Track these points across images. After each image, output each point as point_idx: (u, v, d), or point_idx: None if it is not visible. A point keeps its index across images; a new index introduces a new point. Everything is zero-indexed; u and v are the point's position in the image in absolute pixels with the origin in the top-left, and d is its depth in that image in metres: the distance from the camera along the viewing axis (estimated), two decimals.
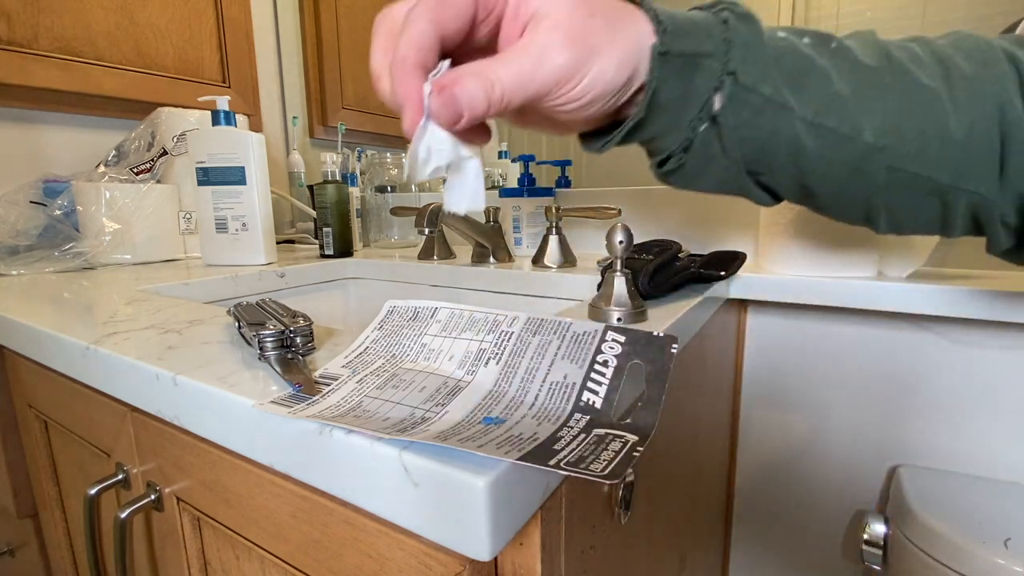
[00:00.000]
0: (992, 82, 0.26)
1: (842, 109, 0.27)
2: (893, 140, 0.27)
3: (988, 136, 0.26)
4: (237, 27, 1.09)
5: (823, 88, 0.27)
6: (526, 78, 0.24)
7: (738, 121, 0.28)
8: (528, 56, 0.24)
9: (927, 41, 0.28)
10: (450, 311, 0.34)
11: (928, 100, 0.27)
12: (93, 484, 0.42)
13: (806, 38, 0.28)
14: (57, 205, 0.77)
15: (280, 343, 0.33)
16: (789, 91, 0.27)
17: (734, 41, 0.27)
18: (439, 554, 0.24)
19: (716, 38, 0.27)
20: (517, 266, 0.77)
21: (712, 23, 0.27)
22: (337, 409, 0.25)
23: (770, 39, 0.27)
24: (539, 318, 0.31)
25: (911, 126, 0.27)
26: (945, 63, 0.27)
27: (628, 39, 0.25)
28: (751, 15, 0.28)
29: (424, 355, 0.31)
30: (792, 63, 0.27)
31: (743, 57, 0.27)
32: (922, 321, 0.66)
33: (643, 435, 0.23)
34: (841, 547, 0.76)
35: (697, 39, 0.26)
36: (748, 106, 0.27)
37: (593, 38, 0.24)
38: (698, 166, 0.30)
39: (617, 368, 0.27)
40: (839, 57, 0.27)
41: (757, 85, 0.27)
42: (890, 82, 0.27)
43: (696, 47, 0.26)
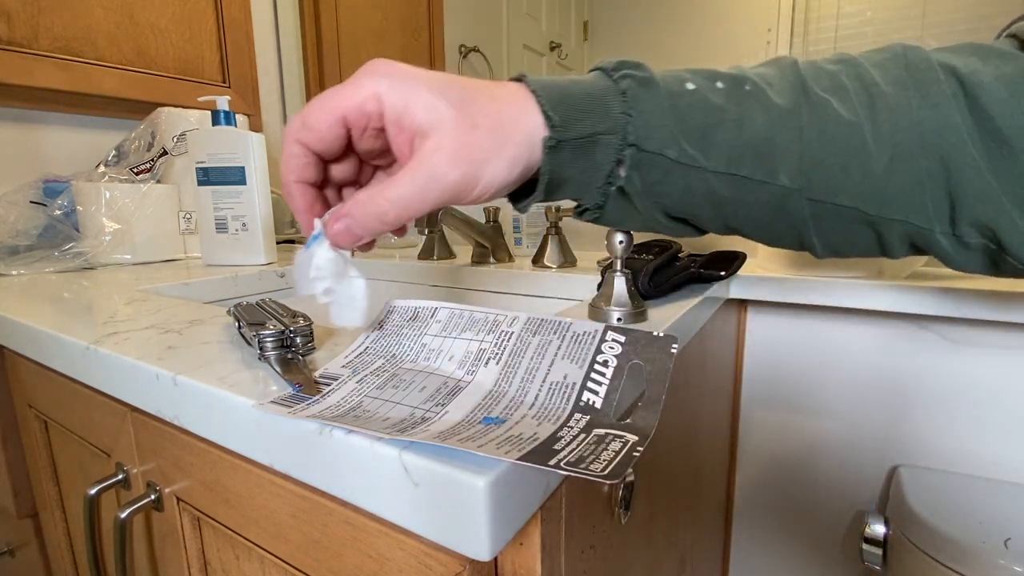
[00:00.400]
0: (927, 108, 0.25)
1: (754, 156, 0.26)
2: (813, 178, 0.26)
3: (915, 165, 0.25)
4: (237, 27, 1.09)
5: (734, 139, 0.26)
6: (417, 200, 0.25)
7: (646, 184, 0.28)
8: (416, 181, 0.25)
9: (857, 64, 0.27)
10: (450, 311, 0.34)
11: (847, 134, 0.26)
12: (93, 484, 0.42)
13: (719, 82, 0.27)
14: (57, 205, 0.77)
15: (280, 343, 0.33)
16: (697, 149, 0.27)
17: (633, 113, 0.26)
18: (439, 554, 0.24)
19: (614, 113, 0.27)
20: (517, 266, 0.77)
21: (610, 95, 0.27)
22: (337, 409, 0.25)
23: (677, 96, 0.27)
24: (539, 318, 0.31)
25: (832, 162, 0.26)
26: (870, 91, 0.26)
27: (517, 141, 0.26)
28: (652, 79, 0.27)
29: (424, 355, 0.31)
30: (701, 119, 0.26)
31: (644, 125, 0.26)
32: (922, 321, 0.66)
33: (643, 435, 0.23)
34: (841, 547, 0.76)
35: (593, 119, 0.26)
36: (655, 169, 0.27)
37: (479, 153, 0.25)
38: (617, 217, 0.30)
39: (617, 368, 0.27)
40: (752, 100, 0.27)
41: (662, 150, 0.27)
42: (806, 122, 0.26)
43: (592, 127, 0.26)
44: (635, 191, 0.28)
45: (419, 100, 0.25)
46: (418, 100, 0.25)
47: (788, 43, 2.30)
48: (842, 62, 0.27)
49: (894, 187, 0.26)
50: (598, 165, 0.27)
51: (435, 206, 0.26)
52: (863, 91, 0.26)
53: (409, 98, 0.25)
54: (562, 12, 2.43)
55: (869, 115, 0.26)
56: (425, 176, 0.25)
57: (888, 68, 0.26)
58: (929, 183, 0.25)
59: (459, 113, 0.25)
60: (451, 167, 0.25)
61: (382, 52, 1.40)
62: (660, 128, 0.26)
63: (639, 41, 2.52)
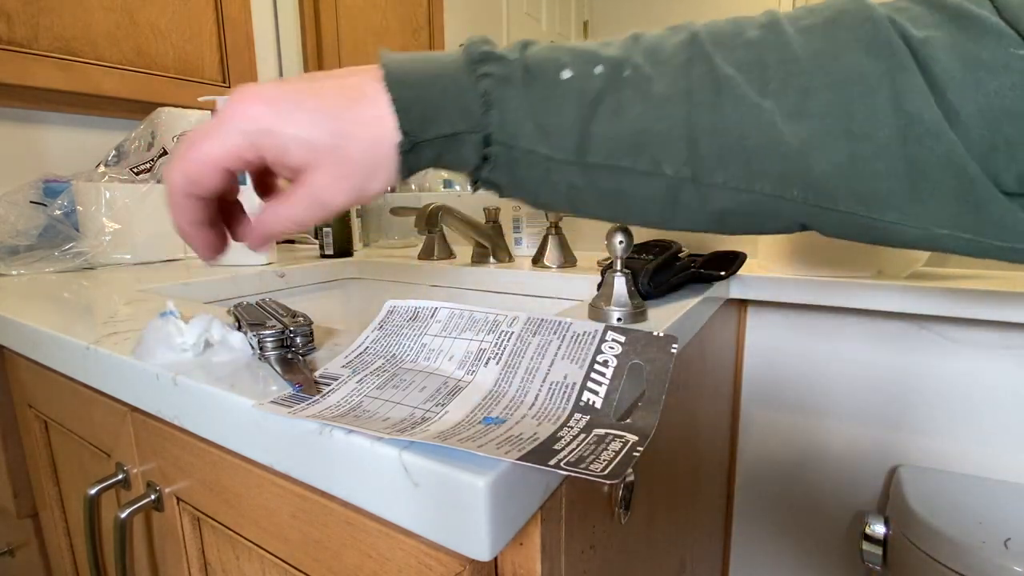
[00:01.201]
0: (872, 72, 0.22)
1: (633, 147, 0.25)
2: (709, 166, 0.25)
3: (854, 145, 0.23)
4: (237, 27, 1.09)
5: (609, 130, 0.25)
6: (311, 219, 0.29)
7: (521, 180, 0.28)
8: (310, 206, 0.28)
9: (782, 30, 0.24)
10: (450, 311, 0.34)
11: (753, 116, 0.23)
12: (93, 484, 0.42)
13: (599, 66, 0.26)
14: (57, 205, 0.77)
15: (280, 343, 0.33)
16: (573, 142, 0.26)
17: (495, 113, 0.26)
18: (439, 554, 0.24)
19: (475, 114, 0.26)
20: (517, 266, 0.77)
21: (469, 95, 0.26)
22: (337, 409, 0.25)
23: (549, 86, 0.26)
24: (539, 318, 0.31)
25: (738, 146, 0.24)
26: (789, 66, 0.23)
27: (387, 156, 0.27)
28: (514, 76, 0.26)
29: (424, 355, 0.31)
30: (574, 112, 0.26)
31: (509, 124, 0.26)
32: (922, 321, 0.66)
33: (643, 435, 0.23)
34: (841, 547, 0.76)
35: (452, 118, 0.26)
36: (532, 167, 0.27)
37: (359, 178, 0.27)
38: (506, 194, 0.30)
39: (617, 368, 0.27)
40: (629, 88, 0.25)
41: (534, 147, 0.26)
42: (695, 106, 0.24)
43: (452, 127, 0.27)
44: (508, 184, 0.28)
45: (294, 141, 0.26)
46: (293, 141, 0.26)
47: None
48: (768, 28, 0.25)
49: (821, 169, 0.23)
50: (464, 159, 0.28)
51: (327, 219, 0.30)
52: (780, 65, 0.23)
53: (285, 142, 0.26)
54: (562, 12, 2.43)
55: (782, 92, 0.23)
56: (317, 203, 0.28)
57: (825, 33, 0.23)
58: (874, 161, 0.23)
59: (332, 145, 0.27)
60: (337, 194, 0.28)
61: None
62: (526, 125, 0.26)
63: None
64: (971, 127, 0.21)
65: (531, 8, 2.17)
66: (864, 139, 0.22)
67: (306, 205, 0.28)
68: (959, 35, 0.21)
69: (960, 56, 0.21)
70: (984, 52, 0.21)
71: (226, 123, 0.27)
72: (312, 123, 0.26)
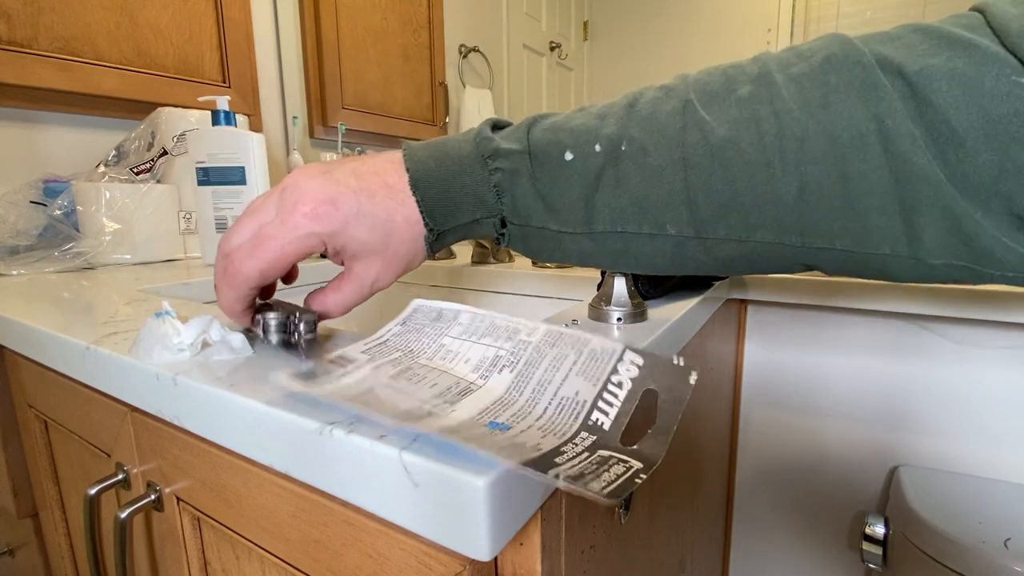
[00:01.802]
0: (866, 119, 0.23)
1: (636, 213, 0.28)
2: (710, 224, 0.26)
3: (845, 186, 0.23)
4: (237, 27, 1.09)
5: (613, 201, 0.28)
6: (357, 302, 0.34)
7: (536, 250, 0.32)
8: (360, 291, 0.34)
9: (772, 84, 0.25)
10: (472, 315, 0.34)
11: (749, 173, 0.24)
12: (93, 484, 0.42)
13: (597, 145, 0.28)
14: (57, 205, 0.77)
15: (284, 328, 0.34)
16: (580, 216, 0.29)
17: (506, 201, 0.31)
18: (439, 554, 0.24)
19: (490, 203, 0.31)
20: (517, 266, 0.77)
21: (483, 189, 0.31)
22: (349, 391, 0.26)
23: (554, 170, 0.29)
24: (559, 330, 0.31)
25: (736, 203, 0.25)
26: (782, 118, 0.24)
27: (418, 233, 0.32)
28: (520, 170, 0.30)
29: (441, 355, 0.31)
30: (579, 190, 0.29)
31: (521, 208, 0.30)
32: (922, 321, 0.66)
33: (648, 464, 0.22)
34: (841, 547, 0.76)
35: (471, 209, 0.31)
36: (544, 240, 0.31)
37: (401, 268, 0.33)
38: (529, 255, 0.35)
39: (631, 392, 0.26)
40: (626, 161, 0.27)
41: (544, 224, 0.30)
42: (692, 169, 0.26)
43: (472, 215, 0.31)
44: (527, 251, 0.33)
45: (355, 242, 0.31)
46: (354, 242, 0.31)
47: (788, 43, 2.30)
48: (759, 81, 0.25)
49: (818, 215, 0.24)
50: (484, 234, 0.33)
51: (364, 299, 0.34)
52: (774, 118, 0.24)
53: (347, 242, 0.31)
54: (562, 12, 2.43)
55: (777, 145, 0.24)
56: (367, 288, 0.34)
57: (815, 80, 0.24)
58: (867, 201, 0.23)
59: (384, 244, 0.32)
60: (386, 281, 0.34)
61: (382, 52, 1.40)
62: (536, 209, 0.30)
63: (639, 41, 2.52)
64: (979, 152, 0.21)
65: (531, 8, 2.17)
66: (858, 181, 0.23)
67: (356, 290, 0.33)
68: (959, 63, 0.21)
69: (962, 85, 0.21)
70: (987, 80, 0.21)
71: (298, 219, 0.30)
72: (371, 228, 0.31)
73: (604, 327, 0.40)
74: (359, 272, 0.33)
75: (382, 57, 1.40)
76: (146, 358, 0.33)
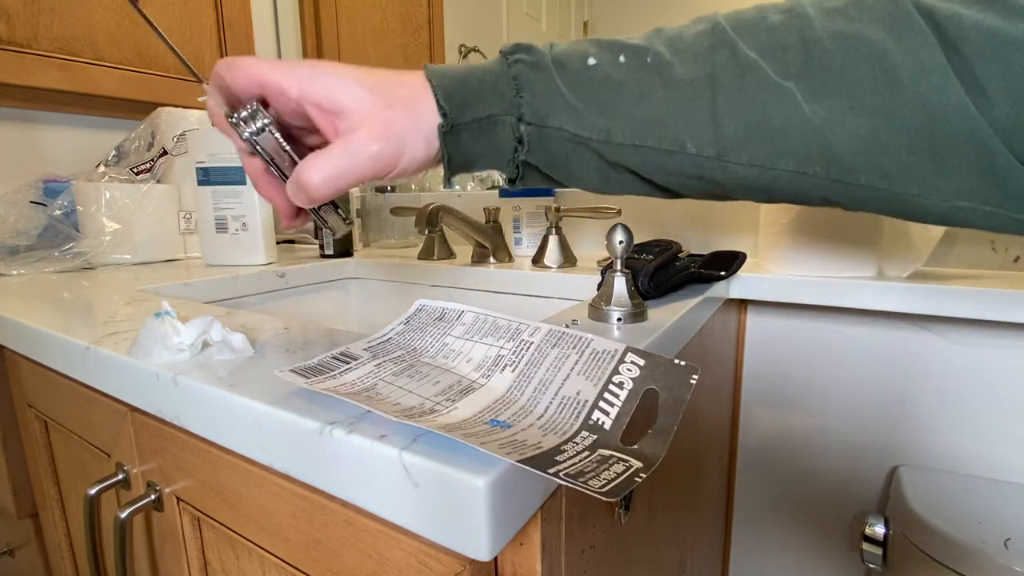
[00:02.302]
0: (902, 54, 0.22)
1: (657, 128, 0.27)
2: (735, 145, 0.25)
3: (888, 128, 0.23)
4: (237, 27, 1.09)
5: (634, 112, 0.27)
6: (347, 171, 0.28)
7: (554, 159, 0.29)
8: (345, 153, 0.28)
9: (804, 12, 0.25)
10: (475, 315, 0.34)
11: (776, 98, 0.24)
12: (93, 484, 0.42)
13: (622, 55, 0.27)
14: (57, 205, 0.77)
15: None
16: (601, 122, 0.27)
17: (525, 94, 0.28)
18: (439, 554, 0.24)
19: (508, 96, 0.28)
20: (517, 266, 0.77)
21: (502, 79, 0.29)
22: (352, 387, 0.26)
23: (577, 72, 0.28)
24: (560, 330, 0.31)
25: (762, 126, 0.25)
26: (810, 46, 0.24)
27: (428, 122, 0.29)
28: (543, 62, 0.28)
29: (444, 354, 0.32)
30: (600, 94, 0.27)
31: (539, 104, 0.28)
32: (922, 321, 0.66)
33: (648, 463, 0.22)
34: (841, 547, 0.76)
35: (488, 102, 0.29)
36: (562, 144, 0.29)
37: (398, 129, 0.28)
38: (543, 183, 0.32)
39: (632, 391, 0.27)
40: (651, 73, 0.27)
41: (562, 125, 0.28)
42: (718, 89, 0.25)
43: (488, 110, 0.29)
44: (544, 164, 0.30)
45: (338, 84, 0.28)
46: (336, 84, 0.28)
47: None
48: (791, 12, 0.25)
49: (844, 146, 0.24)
50: (501, 143, 0.30)
51: (363, 178, 0.29)
52: (802, 46, 0.24)
53: (329, 84, 0.28)
54: (562, 12, 2.43)
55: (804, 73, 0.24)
56: (353, 149, 0.28)
57: (848, 13, 0.24)
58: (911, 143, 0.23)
59: (375, 95, 0.28)
60: (375, 140, 0.28)
61: (382, 51, 1.40)
62: (555, 106, 0.28)
63: None
64: (997, 104, 0.21)
65: (531, 8, 2.17)
66: (887, 115, 0.23)
67: (343, 152, 0.28)
68: (987, 13, 0.21)
69: (988, 34, 0.21)
70: (1013, 30, 0.21)
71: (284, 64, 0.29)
72: (358, 73, 0.28)
73: (604, 327, 0.40)
74: (351, 125, 0.28)
75: (382, 57, 1.40)
76: (146, 358, 0.33)
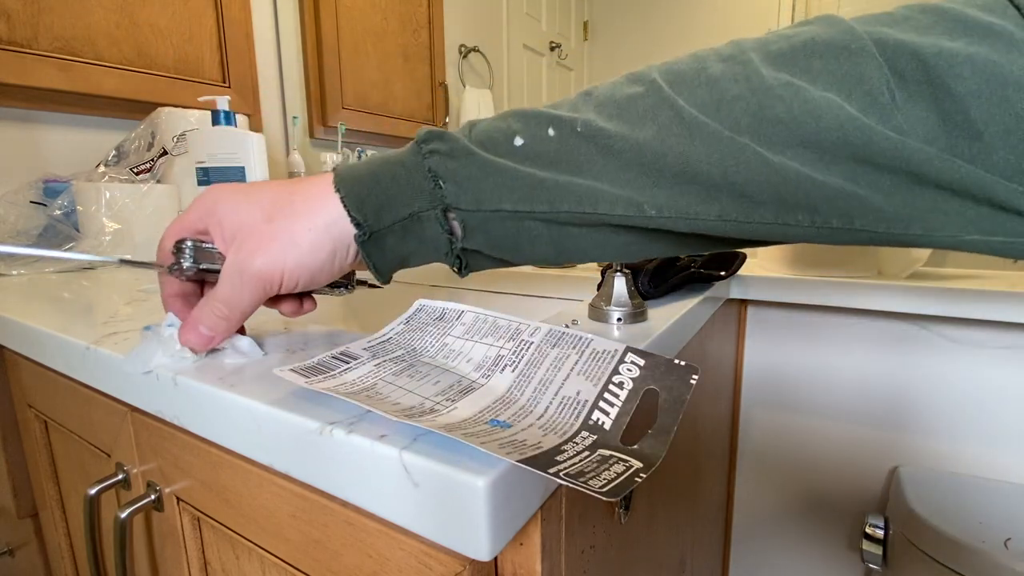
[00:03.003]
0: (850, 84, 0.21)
1: (608, 196, 0.24)
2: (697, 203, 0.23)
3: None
4: (237, 27, 1.09)
5: (578, 182, 0.25)
6: (236, 295, 0.28)
7: (496, 240, 0.27)
8: (231, 278, 0.28)
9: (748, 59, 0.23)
10: (475, 315, 0.34)
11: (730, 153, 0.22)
12: (93, 484, 0.42)
13: (551, 128, 0.25)
14: (57, 205, 0.77)
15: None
16: (543, 192, 0.25)
17: (446, 184, 0.26)
18: (439, 554, 0.24)
19: (427, 189, 0.27)
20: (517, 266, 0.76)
21: (417, 174, 0.27)
22: (352, 386, 0.26)
23: (504, 154, 0.26)
24: (560, 330, 0.31)
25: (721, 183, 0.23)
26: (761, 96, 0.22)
27: (312, 227, 0.27)
28: (459, 149, 0.26)
29: (444, 354, 0.32)
30: (533, 172, 0.25)
31: (467, 190, 0.26)
32: (922, 321, 0.66)
33: (648, 463, 0.22)
34: (841, 547, 0.76)
35: (407, 200, 0.27)
36: (497, 225, 0.27)
37: (275, 242, 0.27)
38: (495, 265, 0.31)
39: (632, 391, 0.27)
40: (589, 143, 0.25)
41: (499, 205, 0.26)
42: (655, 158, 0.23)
43: (409, 208, 0.27)
44: (487, 247, 0.28)
45: (229, 211, 0.28)
46: (228, 211, 0.28)
47: None
48: (731, 59, 0.23)
49: (825, 192, 0.22)
50: (431, 237, 0.28)
51: (255, 299, 0.28)
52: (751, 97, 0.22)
53: (224, 211, 0.28)
54: (562, 12, 2.43)
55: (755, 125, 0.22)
56: (235, 271, 0.28)
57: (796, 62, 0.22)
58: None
59: (260, 214, 0.28)
60: (252, 258, 0.27)
61: (382, 52, 1.40)
62: (485, 188, 0.26)
63: (639, 41, 2.52)
64: (995, 148, 0.19)
65: (531, 8, 2.17)
66: (860, 161, 0.21)
67: (228, 277, 0.28)
68: (982, 50, 0.19)
69: (984, 73, 0.19)
70: (1013, 69, 0.19)
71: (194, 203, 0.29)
72: (258, 195, 0.28)
73: (604, 327, 0.40)
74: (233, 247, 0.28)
75: (382, 57, 1.40)
76: (146, 367, 0.32)
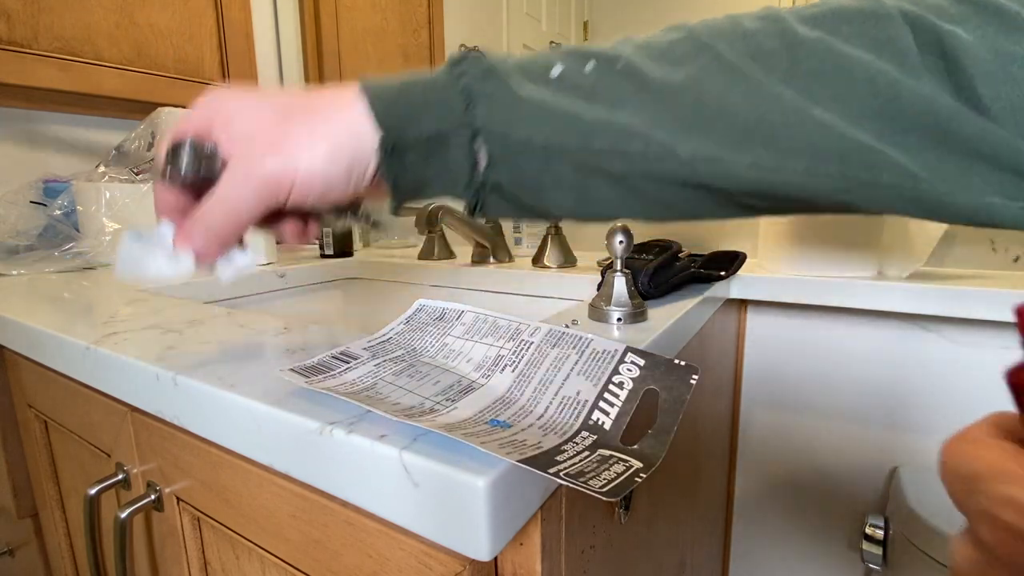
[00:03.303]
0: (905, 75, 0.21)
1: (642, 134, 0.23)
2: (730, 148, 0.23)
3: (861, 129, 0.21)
4: (237, 27, 1.09)
5: (606, 119, 0.24)
6: (241, 199, 0.25)
7: (521, 176, 0.25)
8: (235, 177, 0.25)
9: (781, 17, 0.23)
10: (475, 315, 0.34)
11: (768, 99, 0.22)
12: (93, 484, 0.42)
13: (591, 62, 0.24)
14: (57, 205, 0.77)
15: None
16: (576, 125, 0.24)
17: (479, 106, 0.24)
18: (439, 554, 0.24)
19: (458, 109, 0.24)
20: (517, 266, 0.77)
21: (450, 90, 0.25)
22: (352, 386, 0.26)
23: (540, 81, 0.25)
24: (560, 330, 0.31)
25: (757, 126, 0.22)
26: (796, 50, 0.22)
27: (333, 130, 0.25)
28: (495, 70, 0.25)
29: (444, 354, 0.32)
30: (569, 104, 0.24)
31: (498, 116, 0.24)
32: (922, 321, 0.66)
33: (648, 463, 0.22)
34: (841, 547, 0.76)
35: (435, 117, 0.25)
36: (530, 159, 0.25)
37: (290, 141, 0.25)
38: (507, 213, 0.28)
39: (632, 391, 0.27)
40: (626, 80, 0.24)
41: (532, 136, 0.24)
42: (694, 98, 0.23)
43: (436, 126, 0.25)
44: (510, 183, 0.26)
45: (239, 109, 0.26)
46: (238, 109, 0.26)
47: None
48: (766, 18, 0.24)
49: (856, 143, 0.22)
50: (454, 164, 0.25)
51: (260, 205, 0.26)
52: (787, 51, 0.22)
53: (234, 109, 0.26)
54: (562, 12, 2.43)
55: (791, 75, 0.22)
56: (242, 172, 0.25)
57: (827, 23, 0.22)
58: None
59: (274, 114, 0.25)
60: (263, 159, 0.25)
61: (382, 52, 1.40)
62: (518, 116, 0.24)
63: None
64: (1000, 123, 0.20)
65: (531, 8, 2.17)
66: (891, 118, 0.21)
67: (232, 176, 0.25)
68: (990, 29, 0.20)
69: (991, 50, 0.20)
70: (1019, 47, 0.19)
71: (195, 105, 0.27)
72: (271, 96, 0.26)
73: (604, 327, 0.40)
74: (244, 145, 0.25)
75: (382, 57, 1.40)
76: (134, 275, 0.28)
